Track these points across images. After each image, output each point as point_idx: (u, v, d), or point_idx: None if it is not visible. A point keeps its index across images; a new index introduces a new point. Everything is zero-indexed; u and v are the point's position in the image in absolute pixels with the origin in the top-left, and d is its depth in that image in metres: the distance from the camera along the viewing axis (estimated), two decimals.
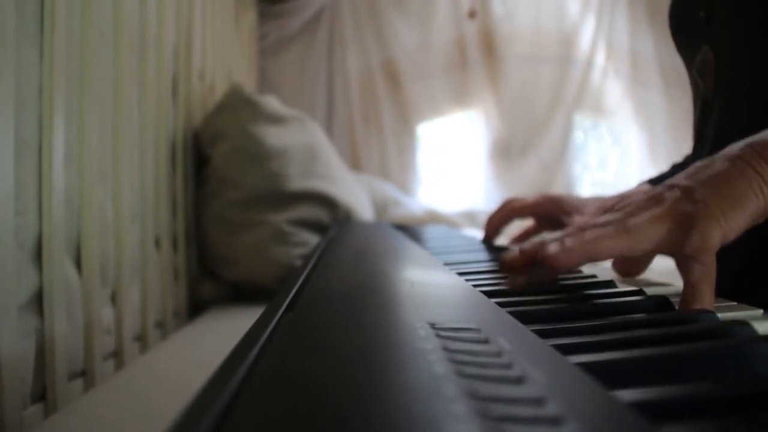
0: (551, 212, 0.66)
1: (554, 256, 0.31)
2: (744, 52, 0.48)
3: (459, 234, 0.96)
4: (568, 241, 0.31)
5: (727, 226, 0.31)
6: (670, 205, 0.32)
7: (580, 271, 0.42)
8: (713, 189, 0.32)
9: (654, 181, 0.67)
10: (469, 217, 1.74)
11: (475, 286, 0.34)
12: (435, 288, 0.33)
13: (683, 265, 0.31)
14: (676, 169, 0.67)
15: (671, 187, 0.34)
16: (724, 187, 0.31)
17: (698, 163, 0.35)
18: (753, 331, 0.24)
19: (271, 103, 1.11)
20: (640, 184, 0.68)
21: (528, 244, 0.34)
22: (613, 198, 0.61)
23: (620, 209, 0.35)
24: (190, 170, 1.05)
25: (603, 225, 0.33)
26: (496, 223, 0.70)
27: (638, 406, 0.15)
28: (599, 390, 0.16)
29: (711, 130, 0.51)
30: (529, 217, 0.69)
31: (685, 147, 0.69)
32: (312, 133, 1.14)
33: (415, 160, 2.12)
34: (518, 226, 0.72)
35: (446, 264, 0.45)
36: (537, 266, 0.33)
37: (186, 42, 1.05)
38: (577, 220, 0.59)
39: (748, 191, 0.31)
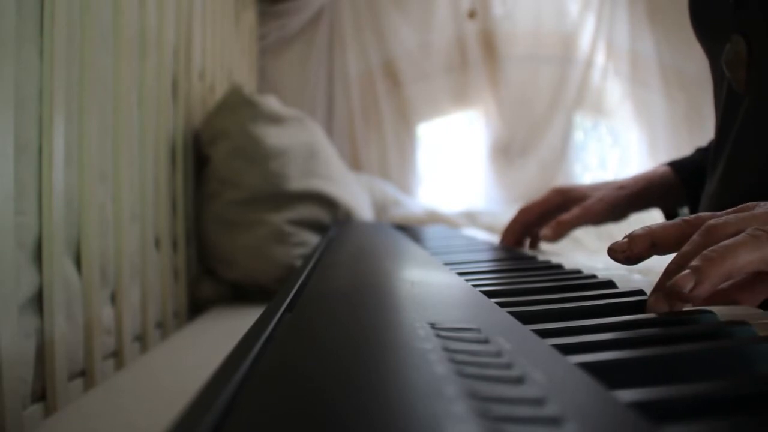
0: (560, 206, 0.66)
1: (690, 290, 0.27)
2: None
3: (459, 234, 0.96)
4: (698, 264, 0.27)
5: None
6: None
7: (580, 271, 0.42)
8: None
9: (678, 164, 0.66)
10: (469, 217, 1.74)
11: (475, 286, 0.34)
12: (435, 288, 0.33)
13: None
14: (700, 152, 0.66)
15: None
16: None
17: None
18: (753, 331, 0.24)
19: (271, 103, 1.11)
20: (660, 165, 0.67)
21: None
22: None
23: (742, 211, 0.31)
24: (190, 170, 1.05)
25: (733, 230, 0.29)
26: (512, 236, 0.69)
27: (638, 406, 0.15)
28: (599, 390, 0.16)
29: (738, 125, 0.47)
30: (542, 217, 0.68)
31: (686, 147, 0.69)
32: (312, 133, 1.14)
33: (415, 160, 2.12)
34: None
35: (446, 264, 0.45)
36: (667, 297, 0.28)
37: (186, 42, 1.05)
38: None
39: None
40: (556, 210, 0.67)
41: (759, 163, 0.44)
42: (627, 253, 0.32)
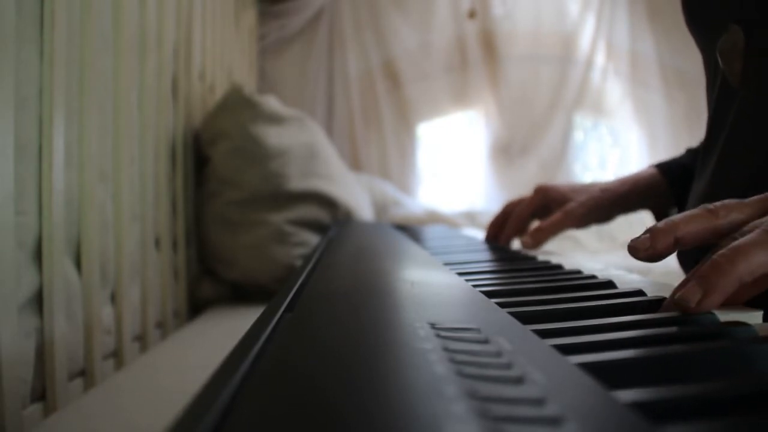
0: (541, 206, 0.67)
1: (698, 302, 0.25)
2: None
3: (459, 234, 0.96)
4: (705, 273, 0.25)
5: None
6: None
7: (580, 271, 0.42)
8: None
9: (665, 165, 0.66)
10: (469, 217, 1.74)
11: (475, 286, 0.34)
12: (435, 288, 0.33)
13: None
14: (690, 153, 0.66)
15: None
16: None
17: None
18: (753, 331, 0.24)
19: (271, 103, 1.11)
20: (648, 167, 0.67)
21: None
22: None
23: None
24: (190, 170, 1.05)
25: (741, 231, 0.27)
26: (494, 230, 0.70)
27: (638, 406, 0.15)
28: (599, 390, 0.16)
29: (731, 120, 0.45)
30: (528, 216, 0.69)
31: (685, 147, 0.69)
32: (312, 133, 1.14)
33: (415, 160, 2.12)
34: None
35: (446, 264, 0.45)
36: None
37: (186, 42, 1.05)
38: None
39: None
40: (540, 211, 0.67)
41: (753, 160, 0.43)
42: (650, 251, 0.30)
